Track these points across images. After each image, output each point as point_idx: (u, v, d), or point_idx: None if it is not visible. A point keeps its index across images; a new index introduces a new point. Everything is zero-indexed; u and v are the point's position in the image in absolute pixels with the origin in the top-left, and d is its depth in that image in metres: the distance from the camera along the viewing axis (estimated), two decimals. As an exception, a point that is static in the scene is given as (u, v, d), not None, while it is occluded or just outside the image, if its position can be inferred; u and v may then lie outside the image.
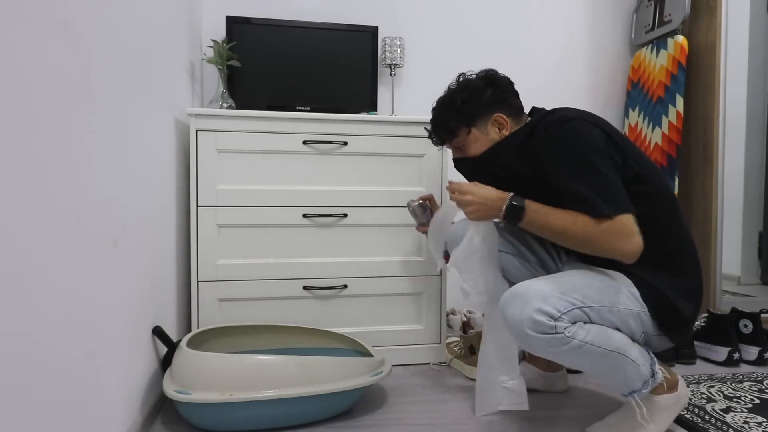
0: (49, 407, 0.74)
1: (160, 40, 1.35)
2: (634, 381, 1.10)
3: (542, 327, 1.01)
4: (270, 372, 1.19)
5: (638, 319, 1.11)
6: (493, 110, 1.26)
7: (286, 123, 1.60)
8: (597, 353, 1.04)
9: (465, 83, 1.30)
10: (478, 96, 1.26)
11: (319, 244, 1.64)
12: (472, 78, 1.30)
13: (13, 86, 0.66)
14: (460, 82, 1.31)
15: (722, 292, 1.99)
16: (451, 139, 1.31)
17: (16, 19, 0.67)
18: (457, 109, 1.27)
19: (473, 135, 1.27)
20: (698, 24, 2.04)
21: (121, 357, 1.05)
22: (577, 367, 1.13)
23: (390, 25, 2.09)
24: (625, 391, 1.12)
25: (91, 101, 0.89)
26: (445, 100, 1.31)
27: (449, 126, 1.29)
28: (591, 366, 1.09)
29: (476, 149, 1.27)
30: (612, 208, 1.03)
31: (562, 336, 1.02)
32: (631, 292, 1.11)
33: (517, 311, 1.04)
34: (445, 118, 1.29)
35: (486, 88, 1.27)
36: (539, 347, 1.04)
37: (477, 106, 1.26)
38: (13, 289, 0.66)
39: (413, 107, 2.14)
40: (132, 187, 1.12)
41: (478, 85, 1.27)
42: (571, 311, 1.04)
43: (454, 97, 1.28)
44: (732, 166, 2.03)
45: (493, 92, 1.26)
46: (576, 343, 1.02)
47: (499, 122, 1.26)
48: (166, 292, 1.41)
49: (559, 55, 2.28)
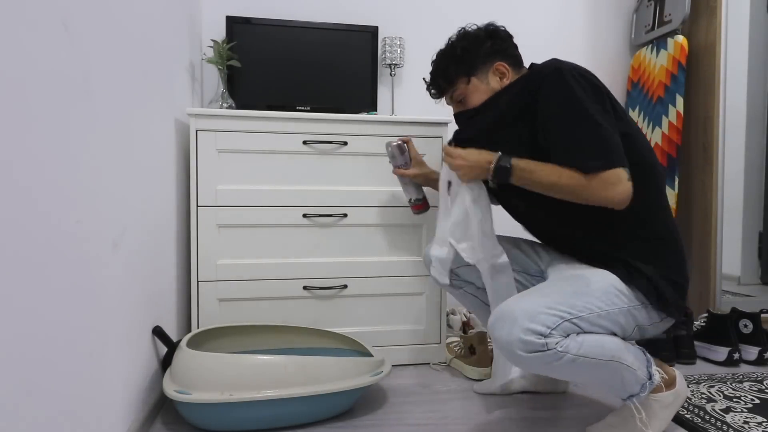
0: (48, 407, 0.74)
1: (160, 40, 1.35)
2: (631, 386, 1.09)
3: (533, 346, 0.98)
4: (270, 372, 1.19)
5: (629, 315, 1.08)
6: (493, 59, 1.26)
7: (286, 123, 1.60)
8: (592, 365, 1.02)
9: (465, 33, 1.29)
10: (478, 45, 1.25)
11: (319, 244, 1.64)
12: (472, 29, 1.30)
13: (13, 86, 0.66)
14: (459, 32, 1.30)
15: (722, 292, 1.98)
16: (451, 89, 1.29)
17: (16, 19, 0.67)
18: (457, 57, 1.25)
19: (473, 84, 1.26)
20: (698, 24, 2.04)
21: (121, 357, 1.05)
22: (573, 380, 1.12)
23: (390, 25, 2.09)
24: (624, 395, 1.11)
25: (91, 101, 0.89)
26: (445, 50, 1.30)
27: (448, 75, 1.27)
28: (588, 378, 1.08)
29: (477, 99, 1.26)
30: (601, 164, 1.04)
31: (554, 352, 0.98)
32: (617, 289, 1.08)
33: (505, 333, 1.00)
34: (445, 66, 1.27)
35: (486, 39, 1.26)
36: (533, 366, 1.01)
37: (478, 55, 1.25)
38: (13, 289, 0.66)
39: (413, 107, 2.14)
40: (132, 187, 1.12)
41: (479, 35, 1.27)
42: (560, 325, 1.00)
43: (454, 46, 1.27)
44: (732, 166, 2.03)
45: (493, 43, 1.26)
46: (570, 357, 0.99)
47: (501, 71, 1.26)
48: (166, 292, 1.41)
49: (559, 54, 2.26)
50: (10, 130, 0.65)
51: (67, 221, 0.80)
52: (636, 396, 1.09)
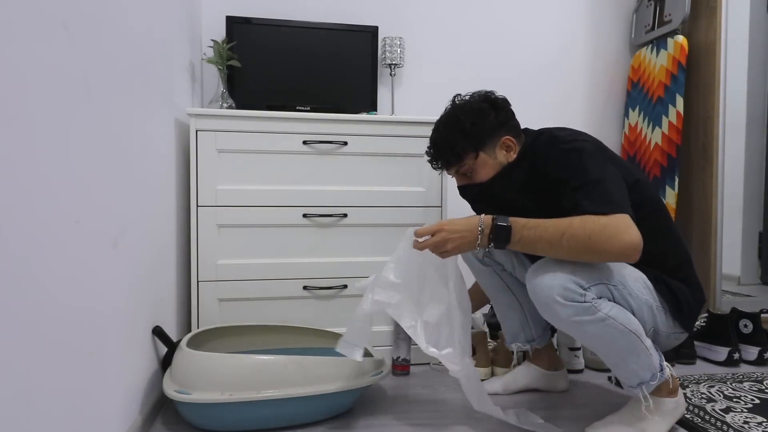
0: (48, 408, 0.74)
1: (160, 40, 1.35)
2: (644, 371, 1.10)
3: (572, 295, 1.03)
4: (270, 372, 1.19)
5: (651, 311, 1.13)
6: (500, 133, 1.23)
7: (286, 123, 1.60)
8: (617, 331, 1.06)
9: (468, 105, 1.24)
10: (484, 118, 1.22)
11: (319, 244, 1.64)
12: (472, 100, 1.25)
13: (13, 86, 0.66)
14: (459, 104, 1.26)
15: (722, 292, 1.98)
16: (458, 164, 1.25)
17: (16, 19, 0.67)
18: (465, 131, 1.21)
19: (481, 159, 1.22)
20: (698, 24, 2.04)
21: (121, 357, 1.05)
22: (594, 346, 1.11)
23: (390, 25, 2.09)
24: (634, 381, 1.11)
25: (91, 101, 0.89)
26: (449, 123, 1.24)
27: (457, 150, 1.22)
28: (609, 345, 1.09)
29: (485, 174, 1.23)
30: (610, 208, 1.03)
31: (590, 305, 1.04)
32: (646, 284, 1.14)
33: (548, 279, 1.05)
34: (453, 142, 1.22)
35: (490, 111, 1.23)
36: (565, 316, 1.05)
37: (485, 129, 1.21)
38: (13, 289, 0.66)
39: (413, 107, 2.14)
40: (132, 187, 1.12)
41: (483, 108, 1.23)
42: (597, 285, 1.06)
43: (460, 120, 1.22)
44: (732, 166, 2.02)
45: (496, 114, 1.23)
46: (601, 315, 1.04)
47: (507, 145, 1.24)
48: (166, 292, 1.41)
49: (559, 54, 2.28)
50: (9, 130, 0.65)
51: (67, 221, 0.80)
52: (645, 384, 1.10)
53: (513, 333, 1.45)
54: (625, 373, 1.12)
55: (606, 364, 1.15)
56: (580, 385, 1.53)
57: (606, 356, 1.13)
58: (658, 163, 2.08)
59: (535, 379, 1.46)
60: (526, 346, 1.44)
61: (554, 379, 1.47)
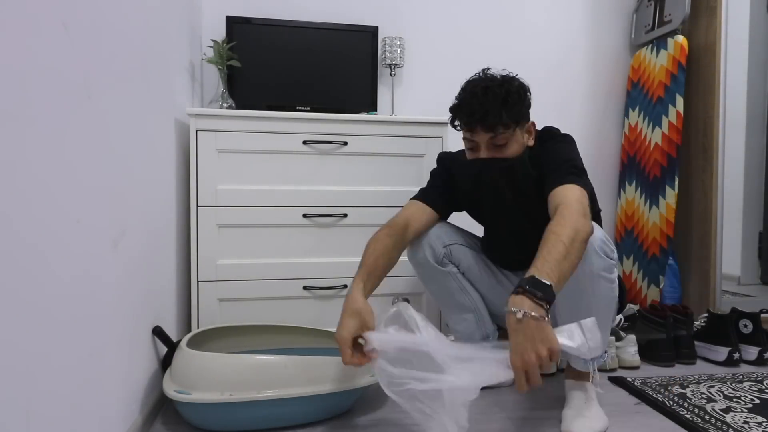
0: (48, 408, 0.74)
1: (160, 40, 1.35)
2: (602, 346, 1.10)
3: (607, 250, 1.14)
4: (270, 372, 1.19)
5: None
6: (528, 116, 1.29)
7: (286, 123, 1.60)
8: (611, 298, 1.17)
9: (512, 80, 1.26)
10: (527, 98, 1.27)
11: (319, 244, 1.64)
12: (511, 77, 1.27)
13: (13, 86, 0.66)
14: (504, 76, 1.26)
15: (722, 292, 1.98)
16: (502, 129, 1.22)
17: (16, 19, 0.67)
18: (515, 102, 1.22)
19: (517, 134, 1.26)
20: (698, 24, 2.04)
21: (120, 357, 1.05)
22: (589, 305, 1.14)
23: (390, 25, 2.09)
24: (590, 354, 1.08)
25: (91, 101, 0.89)
26: (497, 92, 1.21)
27: (504, 117, 1.20)
28: (601, 309, 1.15)
29: (514, 150, 1.25)
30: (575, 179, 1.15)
31: (613, 265, 1.15)
32: None
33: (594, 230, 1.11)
34: (501, 106, 1.20)
35: (528, 91, 1.28)
36: (596, 268, 1.12)
37: (527, 107, 1.27)
38: (13, 289, 0.66)
39: (413, 107, 2.14)
40: (132, 187, 1.12)
41: (524, 86, 1.27)
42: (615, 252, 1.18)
43: (511, 91, 1.22)
44: (732, 166, 2.02)
45: (528, 99, 1.28)
46: (613, 277, 1.16)
47: (530, 130, 1.29)
48: (166, 292, 1.41)
49: (560, 54, 2.28)
50: (9, 130, 0.65)
51: (67, 221, 0.80)
52: (597, 359, 1.19)
53: (468, 334, 1.46)
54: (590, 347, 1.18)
55: None
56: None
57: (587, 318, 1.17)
58: (658, 163, 2.07)
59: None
60: None
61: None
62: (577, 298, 1.14)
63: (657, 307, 1.84)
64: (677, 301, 2.07)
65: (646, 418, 1.29)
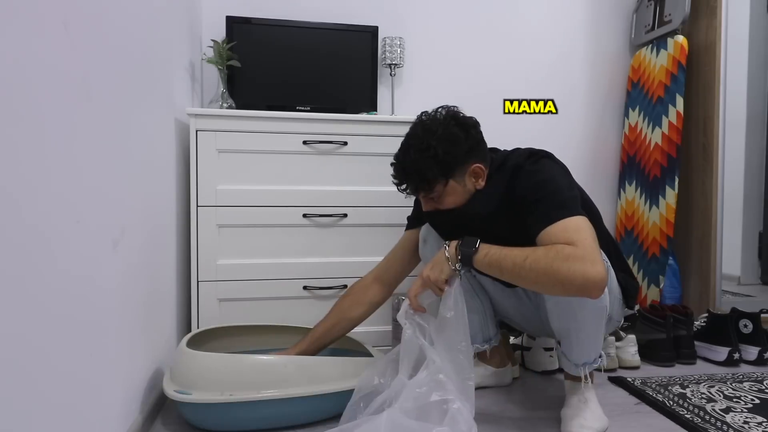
0: (48, 408, 0.74)
1: (160, 40, 1.35)
2: (594, 352, 1.20)
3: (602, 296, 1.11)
4: (270, 372, 1.19)
5: (614, 299, 1.23)
6: (470, 160, 1.18)
7: (286, 123, 1.60)
8: (602, 306, 1.12)
9: (439, 129, 1.17)
10: (456, 146, 1.16)
11: (319, 244, 1.64)
12: (443, 122, 1.18)
13: (13, 86, 0.66)
14: (429, 127, 1.18)
15: (722, 292, 1.99)
16: (427, 190, 1.19)
17: (16, 19, 0.67)
18: (438, 159, 1.14)
19: (450, 187, 1.18)
20: (698, 24, 2.04)
21: (121, 357, 1.05)
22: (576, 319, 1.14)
23: (390, 25, 2.09)
24: (580, 360, 1.19)
25: (91, 101, 0.89)
26: (420, 148, 1.16)
27: (427, 177, 1.16)
28: (589, 322, 1.15)
29: (452, 201, 1.19)
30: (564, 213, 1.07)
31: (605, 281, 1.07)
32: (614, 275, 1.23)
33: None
34: (424, 168, 1.15)
35: (461, 137, 1.17)
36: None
37: (456, 157, 1.16)
38: (13, 289, 0.66)
39: (413, 107, 2.13)
40: (132, 187, 1.11)
41: (455, 133, 1.17)
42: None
43: (432, 147, 1.14)
44: (732, 166, 2.03)
45: (467, 140, 1.18)
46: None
47: (476, 172, 1.19)
48: (166, 292, 1.41)
49: (559, 54, 2.28)
50: (9, 131, 0.65)
51: (67, 221, 0.80)
52: (589, 365, 1.20)
53: (471, 335, 1.45)
54: (580, 351, 1.19)
55: (566, 337, 1.20)
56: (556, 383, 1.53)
57: (577, 331, 1.17)
58: (658, 163, 2.08)
59: (485, 378, 1.48)
60: (485, 346, 1.44)
61: (502, 375, 1.51)
62: (564, 304, 1.13)
63: (657, 307, 1.84)
64: (677, 301, 2.07)
65: (646, 418, 1.29)
